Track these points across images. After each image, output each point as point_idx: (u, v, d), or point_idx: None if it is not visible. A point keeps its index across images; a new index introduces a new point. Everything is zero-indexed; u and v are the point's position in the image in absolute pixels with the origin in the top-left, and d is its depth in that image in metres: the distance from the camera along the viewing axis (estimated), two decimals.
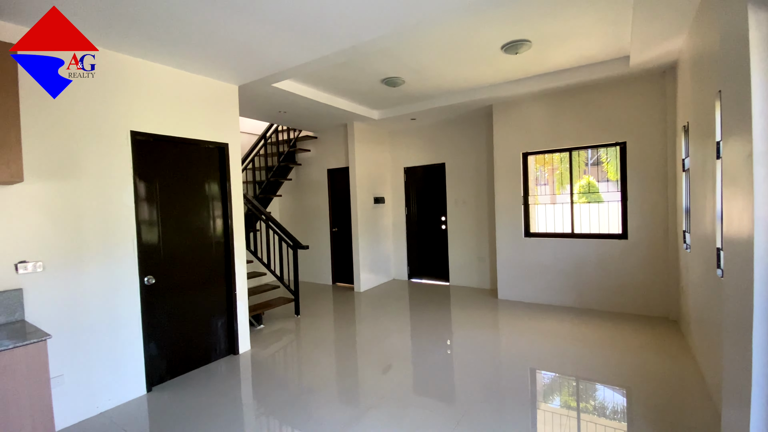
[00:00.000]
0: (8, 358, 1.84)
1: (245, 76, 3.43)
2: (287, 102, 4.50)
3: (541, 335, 3.80)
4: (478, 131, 5.62)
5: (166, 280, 3.14)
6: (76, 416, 2.56)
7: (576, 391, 2.81)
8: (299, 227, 6.68)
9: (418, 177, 6.35)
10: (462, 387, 2.88)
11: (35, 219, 2.40)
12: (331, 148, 6.24)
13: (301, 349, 3.85)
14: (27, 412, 1.90)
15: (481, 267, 5.70)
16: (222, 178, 3.60)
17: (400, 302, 5.29)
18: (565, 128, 4.62)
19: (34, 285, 2.38)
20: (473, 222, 5.74)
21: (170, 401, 2.82)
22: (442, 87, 4.51)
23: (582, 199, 4.83)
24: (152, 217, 3.07)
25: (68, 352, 2.53)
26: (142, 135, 2.96)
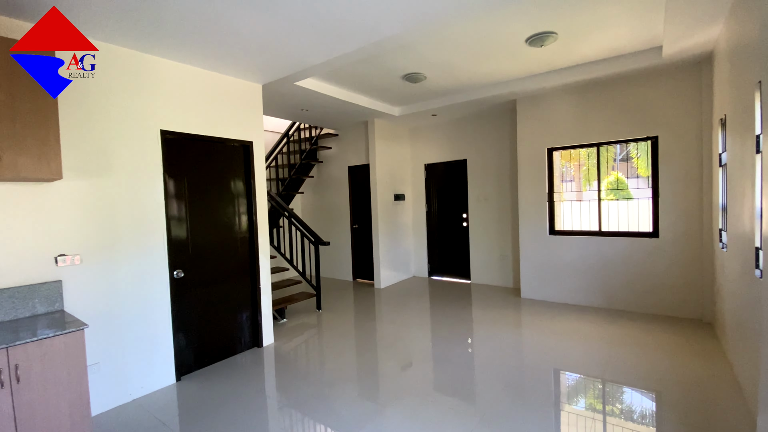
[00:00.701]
0: (48, 345, 1.96)
1: (269, 75, 3.49)
2: (309, 100, 4.55)
3: (566, 336, 3.71)
4: (501, 126, 5.52)
5: (194, 273, 3.25)
6: (110, 402, 2.70)
7: (602, 394, 2.74)
8: (320, 224, 6.77)
9: (438, 173, 6.30)
10: (483, 385, 2.85)
11: (73, 214, 2.53)
12: (352, 146, 6.28)
13: (322, 343, 3.91)
14: (65, 397, 2.01)
15: (504, 265, 5.61)
16: (247, 176, 3.69)
17: (421, 299, 5.28)
18: (593, 123, 4.47)
19: (72, 277, 2.52)
20: (495, 219, 5.66)
21: (198, 391, 2.92)
22: (464, 82, 4.45)
23: (610, 196, 4.66)
24: (181, 213, 3.18)
25: (104, 341, 2.67)
26: (171, 134, 3.07)
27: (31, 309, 2.32)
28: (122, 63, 2.77)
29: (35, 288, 2.34)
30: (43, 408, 1.94)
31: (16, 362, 1.85)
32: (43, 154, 2.14)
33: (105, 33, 2.53)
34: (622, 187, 4.82)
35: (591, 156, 4.76)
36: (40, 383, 1.93)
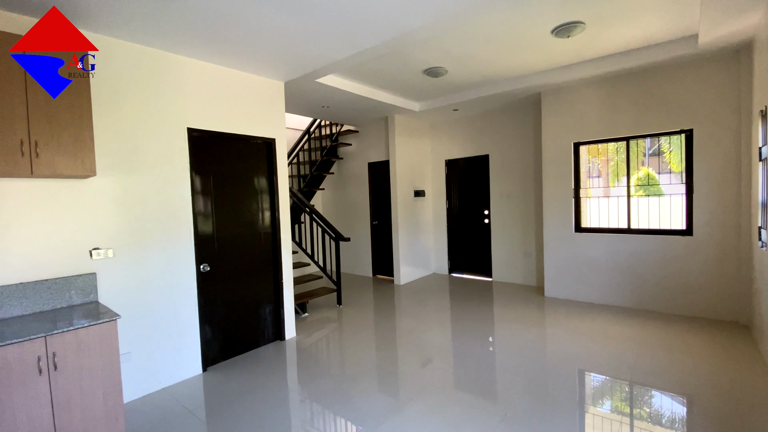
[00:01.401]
0: (84, 334, 2.05)
1: (291, 72, 3.52)
2: (329, 96, 4.57)
3: (592, 336, 3.60)
4: (525, 121, 5.39)
5: (219, 267, 3.34)
6: (141, 390, 2.81)
7: (630, 397, 2.65)
8: (341, 220, 6.81)
9: (459, 169, 6.22)
10: (505, 384, 2.81)
11: (106, 210, 2.63)
12: (372, 142, 6.28)
13: (343, 338, 3.94)
14: (99, 385, 2.11)
15: (527, 263, 5.50)
16: (269, 172, 3.75)
17: (441, 296, 5.24)
18: (622, 116, 4.30)
19: (105, 270, 2.62)
20: (518, 216, 5.54)
21: (223, 381, 3.00)
22: (487, 75, 4.37)
23: (639, 192, 4.49)
24: (207, 209, 3.26)
25: (135, 331, 2.77)
26: (197, 131, 3.15)
27: (68, 300, 2.43)
28: (150, 63, 2.85)
29: (71, 280, 2.45)
30: (78, 394, 2.03)
31: (53, 350, 1.95)
32: (78, 151, 2.24)
33: (131, 33, 2.62)
34: (652, 182, 4.63)
35: (620, 151, 4.59)
36: (75, 371, 2.02)
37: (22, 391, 1.86)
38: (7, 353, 1.82)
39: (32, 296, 2.30)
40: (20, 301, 2.25)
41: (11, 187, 2.25)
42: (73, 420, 2.02)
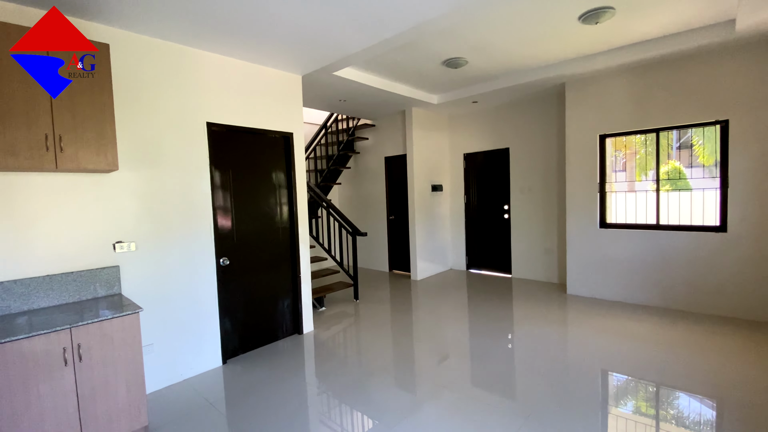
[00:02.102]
0: (108, 326, 2.08)
1: (309, 65, 3.48)
2: (347, 90, 4.52)
3: (617, 335, 3.48)
4: (548, 112, 5.22)
5: (238, 261, 3.35)
6: (163, 382, 2.85)
7: (656, 399, 2.53)
8: (357, 214, 6.79)
9: (478, 163, 6.09)
10: (527, 384, 2.73)
11: (128, 204, 2.67)
12: (389, 136, 6.21)
13: (360, 332, 3.92)
14: (122, 376, 2.14)
15: (548, 259, 5.36)
16: (287, 167, 3.74)
17: (458, 292, 5.16)
18: (652, 106, 4.11)
19: (128, 263, 2.66)
20: (540, 211, 5.39)
21: (243, 374, 3.02)
22: (509, 66, 4.23)
23: (666, 187, 4.29)
24: (226, 204, 3.27)
25: (157, 323, 2.81)
26: (216, 126, 3.15)
27: (93, 292, 2.48)
28: (169, 57, 2.86)
29: (96, 273, 2.49)
30: (102, 385, 2.07)
31: (78, 342, 1.98)
32: (101, 146, 2.26)
33: (151, 27, 2.62)
34: (681, 176, 4.41)
35: (647, 143, 4.40)
36: (100, 362, 2.05)
37: (48, 381, 1.89)
38: (34, 344, 1.85)
39: (59, 288, 2.34)
40: (47, 293, 2.30)
41: (38, 182, 2.29)
42: (98, 410, 2.05)
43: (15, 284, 2.20)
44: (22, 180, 2.24)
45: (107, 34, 2.53)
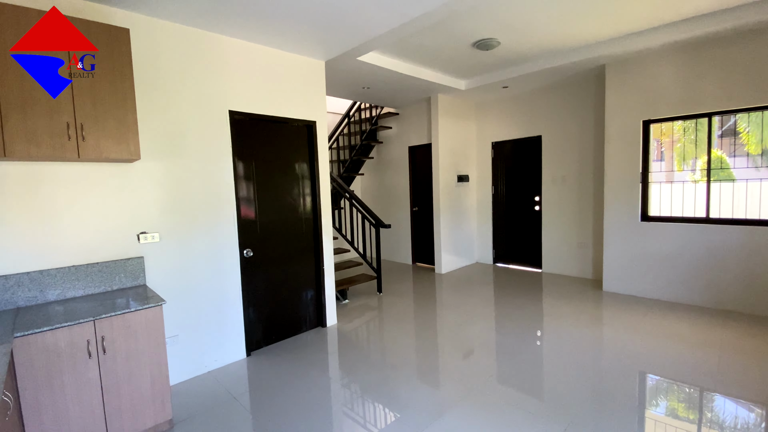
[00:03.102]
0: (131, 319, 2.04)
1: (332, 49, 3.34)
2: (371, 76, 4.36)
3: (660, 337, 3.22)
4: (585, 97, 4.89)
5: (261, 253, 3.29)
6: (188, 373, 2.84)
7: (700, 404, 2.30)
8: (380, 205, 6.66)
9: (507, 153, 5.82)
10: (563, 389, 2.54)
11: (151, 194, 2.62)
12: (413, 125, 6.01)
13: (384, 327, 3.81)
14: (146, 368, 2.10)
15: (582, 254, 5.07)
16: (310, 156, 3.63)
17: (485, 287, 4.97)
18: (704, 89, 3.74)
19: (152, 254, 2.63)
20: (574, 202, 5.10)
21: (267, 367, 2.98)
22: (544, 46, 3.95)
23: (711, 177, 3.96)
24: (249, 194, 3.21)
25: (181, 315, 2.79)
26: (239, 114, 3.07)
27: (118, 283, 2.46)
28: (190, 43, 2.78)
29: (121, 263, 2.47)
30: (126, 378, 2.04)
31: (102, 334, 1.95)
32: (123, 135, 2.20)
33: (171, 12, 2.54)
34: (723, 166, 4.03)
35: (688, 131, 4.04)
36: (123, 354, 2.02)
37: (72, 373, 1.87)
38: (58, 336, 1.83)
39: (84, 279, 2.33)
40: (73, 283, 2.29)
41: (62, 172, 2.26)
42: (122, 403, 2.03)
43: (41, 275, 2.19)
44: (47, 170, 2.21)
45: (127, 19, 2.46)
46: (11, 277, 2.11)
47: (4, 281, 2.09)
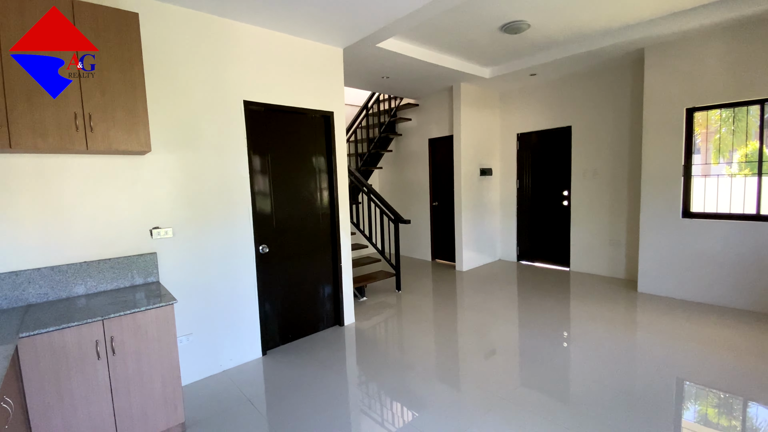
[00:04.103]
0: (141, 318, 1.95)
1: (351, 34, 3.16)
2: (390, 65, 4.17)
3: (702, 343, 2.95)
4: (620, 85, 4.56)
5: (278, 249, 3.18)
6: (203, 372, 2.76)
7: (748, 419, 2.06)
8: (398, 200, 6.48)
9: (533, 144, 5.53)
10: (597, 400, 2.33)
11: (164, 188, 2.53)
12: (434, 116, 5.79)
13: (403, 327, 3.66)
14: (157, 369, 2.01)
15: (615, 252, 4.77)
16: (328, 149, 3.49)
17: (509, 286, 4.75)
18: (756, 72, 3.39)
19: (165, 249, 2.54)
20: (606, 197, 4.79)
21: (283, 368, 2.87)
22: (578, 29, 3.67)
23: (746, 171, 3.63)
24: (265, 188, 3.09)
25: (196, 313, 2.70)
26: (254, 105, 2.94)
27: (130, 280, 2.38)
28: (203, 30, 2.66)
29: (133, 259, 2.39)
30: (137, 379, 1.95)
31: (111, 334, 1.86)
32: (133, 125, 2.10)
33: None
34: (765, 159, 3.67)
35: (728, 120, 3.70)
36: (133, 355, 1.93)
37: (80, 375, 1.79)
38: (65, 336, 1.75)
39: (96, 275, 2.26)
40: (84, 279, 2.22)
41: (72, 165, 2.18)
42: (132, 406, 1.95)
43: (52, 271, 2.12)
44: (57, 162, 2.14)
45: (136, 3, 2.35)
46: (21, 274, 2.04)
47: (14, 278, 2.03)
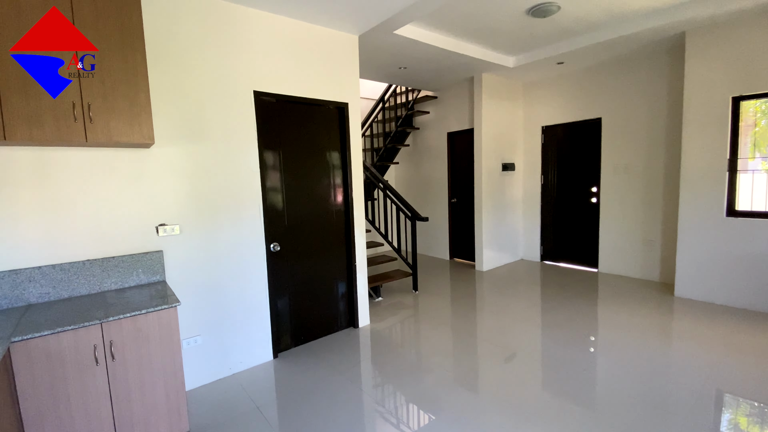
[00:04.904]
0: (142, 321, 1.83)
1: (367, 20, 2.98)
2: (408, 54, 3.96)
3: (746, 353, 2.66)
4: (656, 73, 4.22)
5: (289, 248, 3.04)
6: (211, 376, 2.64)
7: None
8: (415, 196, 6.28)
9: (559, 138, 5.23)
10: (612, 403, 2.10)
11: (170, 183, 2.41)
12: (453, 109, 5.54)
13: (421, 330, 3.47)
14: (160, 377, 1.89)
15: (649, 253, 4.46)
16: (342, 142, 3.32)
17: (532, 287, 4.50)
18: None
19: (172, 247, 2.43)
20: (639, 193, 4.48)
21: (294, 371, 2.74)
22: (613, 11, 3.38)
23: None
24: (276, 183, 2.95)
25: (204, 314, 2.59)
26: (264, 95, 2.80)
27: (136, 279, 2.27)
28: (211, 15, 2.52)
29: (138, 258, 2.28)
30: (138, 387, 1.83)
31: (110, 339, 1.75)
32: (134, 116, 1.97)
33: None
34: None
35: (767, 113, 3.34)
36: (134, 361, 1.82)
37: (77, 381, 1.68)
38: (61, 341, 1.64)
39: (99, 274, 2.16)
40: (87, 278, 2.12)
41: (74, 158, 2.08)
42: (133, 414, 1.83)
43: (53, 269, 2.03)
44: (58, 156, 2.03)
45: None
46: (22, 272, 1.95)
47: (14, 276, 1.93)
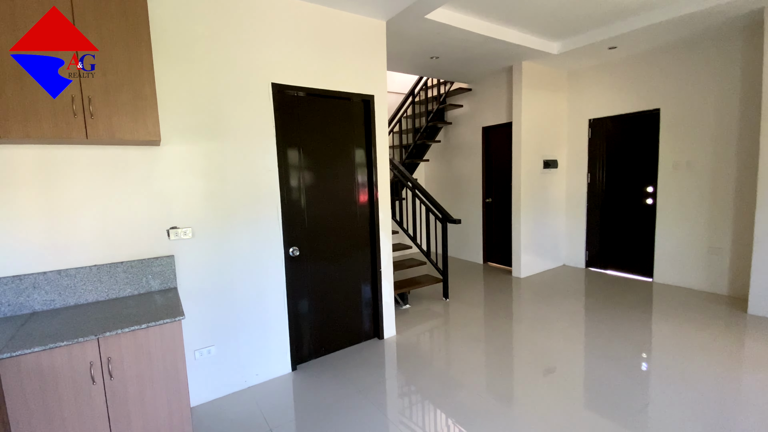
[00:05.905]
0: (143, 336, 1.67)
1: (395, 2, 2.71)
2: (440, 42, 3.65)
3: None
4: (724, 57, 3.68)
5: (309, 252, 2.84)
6: (225, 389, 2.48)
7: None
8: (446, 196, 5.94)
9: (609, 132, 4.72)
10: None
11: (182, 183, 2.26)
12: (489, 101, 5.16)
13: (452, 343, 3.17)
14: (162, 397, 1.74)
15: (715, 262, 3.91)
16: (367, 138, 3.07)
17: (575, 298, 4.07)
18: None
19: (184, 252, 2.28)
20: (704, 195, 3.94)
21: (313, 387, 2.53)
22: None
23: None
24: (295, 183, 2.75)
25: (218, 323, 2.43)
26: (283, 87, 2.59)
27: (146, 285, 2.14)
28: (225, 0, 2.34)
29: (148, 263, 2.14)
30: (138, 407, 1.68)
31: (108, 355, 1.59)
32: (139, 111, 1.82)
33: None
34: None
35: None
36: (134, 380, 1.66)
37: (72, 402, 1.54)
38: (55, 357, 1.49)
39: (107, 281, 2.03)
40: (95, 285, 2.00)
41: (80, 157, 1.95)
42: None
43: (59, 275, 1.91)
44: (61, 155, 1.91)
45: None
46: (26, 278, 1.85)
47: (18, 282, 1.83)
